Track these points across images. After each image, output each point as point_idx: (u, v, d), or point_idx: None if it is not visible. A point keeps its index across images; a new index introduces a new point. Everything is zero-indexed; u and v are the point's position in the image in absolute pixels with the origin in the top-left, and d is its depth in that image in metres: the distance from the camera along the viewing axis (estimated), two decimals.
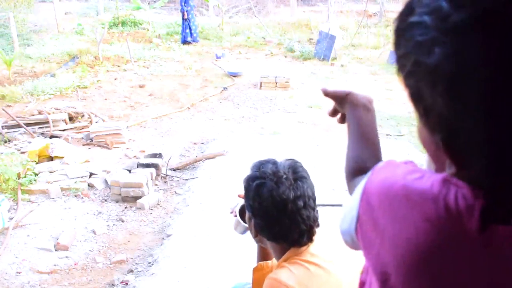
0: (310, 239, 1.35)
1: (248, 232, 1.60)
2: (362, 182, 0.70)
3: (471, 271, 0.56)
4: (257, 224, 1.37)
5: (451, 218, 0.54)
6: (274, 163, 1.38)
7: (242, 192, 1.60)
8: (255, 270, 1.55)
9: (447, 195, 0.55)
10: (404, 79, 0.57)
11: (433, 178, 0.57)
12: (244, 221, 1.55)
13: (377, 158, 0.91)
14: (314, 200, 1.35)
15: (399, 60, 0.57)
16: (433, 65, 0.51)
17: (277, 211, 1.30)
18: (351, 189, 0.86)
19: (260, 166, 1.38)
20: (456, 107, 0.51)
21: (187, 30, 11.38)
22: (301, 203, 1.30)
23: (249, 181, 1.38)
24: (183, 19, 11.28)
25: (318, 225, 1.37)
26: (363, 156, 0.90)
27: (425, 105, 0.55)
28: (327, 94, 1.00)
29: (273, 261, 1.55)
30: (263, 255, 1.59)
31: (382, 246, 0.64)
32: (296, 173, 1.34)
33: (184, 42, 11.35)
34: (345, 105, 0.97)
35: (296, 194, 1.30)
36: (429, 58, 0.51)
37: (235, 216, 1.61)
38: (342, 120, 1.01)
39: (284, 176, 1.32)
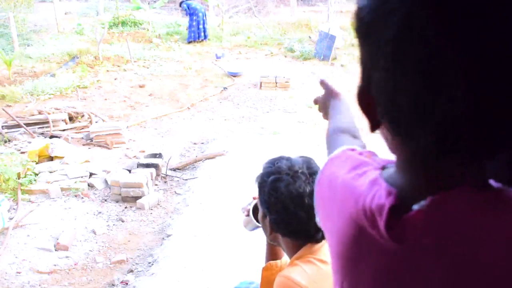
0: (324, 236, 1.34)
1: (256, 230, 1.60)
2: (322, 165, 0.75)
3: (390, 268, 0.55)
4: (273, 220, 1.36)
5: (366, 217, 0.54)
6: (288, 159, 1.38)
7: (256, 194, 1.60)
8: (264, 269, 1.55)
9: (368, 195, 0.54)
10: None
11: (370, 177, 0.57)
12: (257, 220, 1.56)
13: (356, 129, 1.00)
14: None
15: None
16: (359, 6, 0.51)
17: (294, 206, 1.30)
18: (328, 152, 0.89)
19: (274, 162, 1.38)
20: (365, 51, 0.52)
21: (200, 26, 11.49)
22: None
23: (263, 177, 1.37)
24: (203, 19, 11.44)
25: None
26: (346, 125, 1.02)
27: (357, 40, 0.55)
28: (324, 85, 1.17)
29: (282, 261, 1.54)
30: (272, 255, 1.58)
31: (329, 232, 0.67)
32: (311, 168, 1.35)
33: (195, 40, 11.52)
34: (330, 99, 1.14)
35: (312, 188, 1.30)
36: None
37: (247, 215, 1.61)
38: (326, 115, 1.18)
39: (300, 170, 1.33)
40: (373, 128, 0.55)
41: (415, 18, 0.45)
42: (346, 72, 9.08)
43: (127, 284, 3.10)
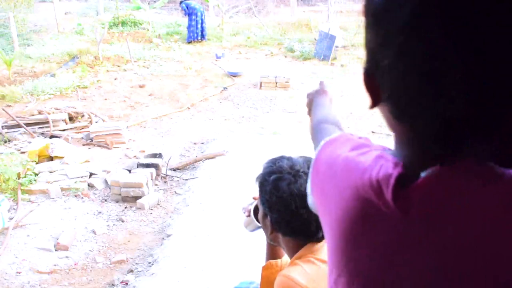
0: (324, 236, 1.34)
1: (257, 230, 1.60)
2: (317, 148, 0.75)
3: (395, 241, 0.55)
4: (274, 219, 1.36)
5: (372, 188, 0.55)
6: (289, 158, 1.39)
7: (256, 195, 1.60)
8: (264, 268, 1.55)
9: (374, 168, 0.56)
10: None
11: (374, 154, 0.58)
12: (258, 221, 1.55)
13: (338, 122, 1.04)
14: None
15: None
16: None
17: (296, 205, 1.30)
18: (314, 147, 0.90)
19: (275, 161, 1.38)
20: (375, 37, 0.53)
21: (199, 26, 11.50)
22: None
23: (265, 176, 1.37)
24: (202, 18, 11.47)
25: None
26: (329, 118, 1.06)
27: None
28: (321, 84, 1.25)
29: (282, 260, 1.54)
30: (272, 254, 1.58)
31: (327, 213, 0.67)
32: None
33: (195, 39, 11.53)
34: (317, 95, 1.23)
35: None
36: None
37: (248, 216, 1.61)
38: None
39: (301, 170, 1.33)
40: (373, 106, 0.57)
41: (422, 16, 0.46)
42: (346, 72, 9.08)
43: (127, 284, 3.10)
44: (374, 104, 0.57)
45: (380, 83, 0.54)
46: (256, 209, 1.58)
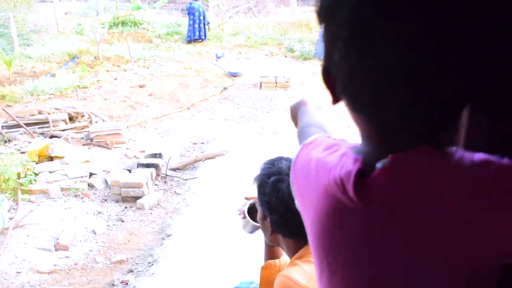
0: None
1: (256, 231, 1.59)
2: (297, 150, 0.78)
3: (363, 233, 0.57)
4: (274, 220, 1.36)
5: (337, 186, 0.57)
6: (288, 159, 1.38)
7: (248, 194, 1.60)
8: (263, 268, 1.55)
9: (337, 166, 0.58)
10: None
11: (339, 152, 0.61)
12: (254, 220, 1.55)
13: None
14: None
15: None
16: None
17: (296, 205, 1.30)
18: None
19: (274, 163, 1.38)
20: (325, 34, 0.56)
21: (196, 26, 11.49)
22: None
23: (264, 178, 1.37)
24: (200, 18, 11.46)
25: None
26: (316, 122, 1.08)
27: None
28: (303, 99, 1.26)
29: (281, 260, 1.54)
30: (270, 255, 1.58)
31: (307, 214, 0.70)
32: None
33: (194, 40, 11.53)
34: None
35: None
36: None
37: (244, 217, 1.61)
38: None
39: None
40: (334, 102, 0.59)
41: (386, 14, 0.48)
42: None
43: (127, 284, 3.11)
44: (334, 98, 0.59)
45: (334, 77, 0.56)
46: (250, 209, 1.58)
